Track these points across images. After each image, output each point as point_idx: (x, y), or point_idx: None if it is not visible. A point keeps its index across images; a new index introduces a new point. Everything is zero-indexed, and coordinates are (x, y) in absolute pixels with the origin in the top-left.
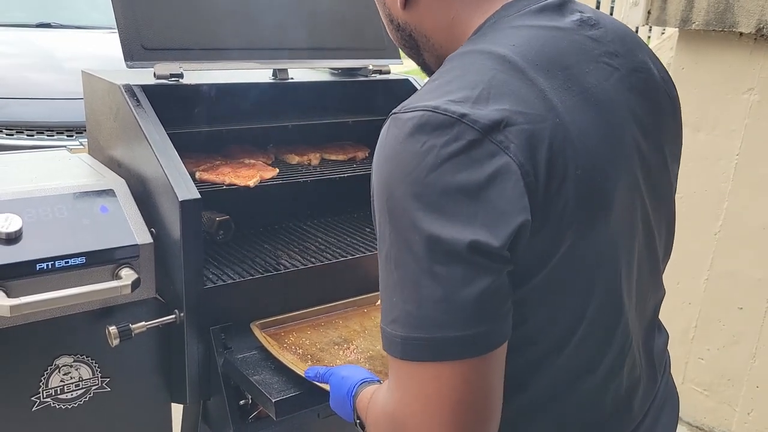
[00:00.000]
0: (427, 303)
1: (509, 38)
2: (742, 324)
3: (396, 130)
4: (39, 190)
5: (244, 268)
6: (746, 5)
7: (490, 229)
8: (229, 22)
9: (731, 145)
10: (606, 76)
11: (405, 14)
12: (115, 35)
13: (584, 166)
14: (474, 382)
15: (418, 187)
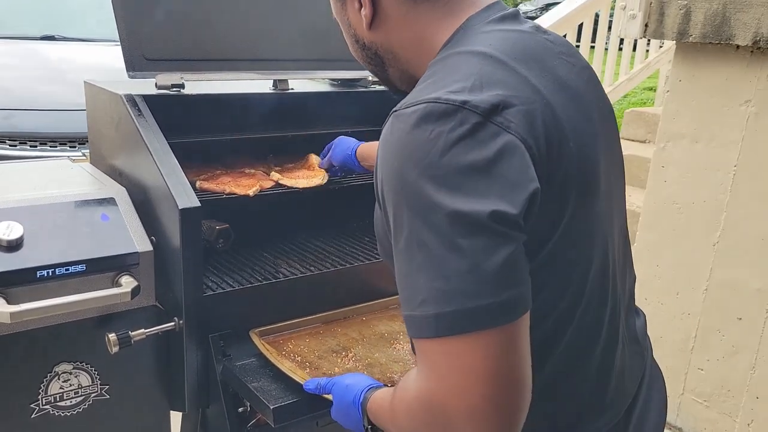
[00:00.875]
0: (456, 276)
1: (483, 40)
2: (741, 334)
3: (401, 124)
4: (40, 199)
5: (243, 276)
6: (743, 18)
7: (507, 199)
8: (229, 33)
9: (729, 157)
10: (568, 69)
11: (371, 34)
12: (117, 48)
13: (574, 141)
14: (508, 350)
15: (433, 170)
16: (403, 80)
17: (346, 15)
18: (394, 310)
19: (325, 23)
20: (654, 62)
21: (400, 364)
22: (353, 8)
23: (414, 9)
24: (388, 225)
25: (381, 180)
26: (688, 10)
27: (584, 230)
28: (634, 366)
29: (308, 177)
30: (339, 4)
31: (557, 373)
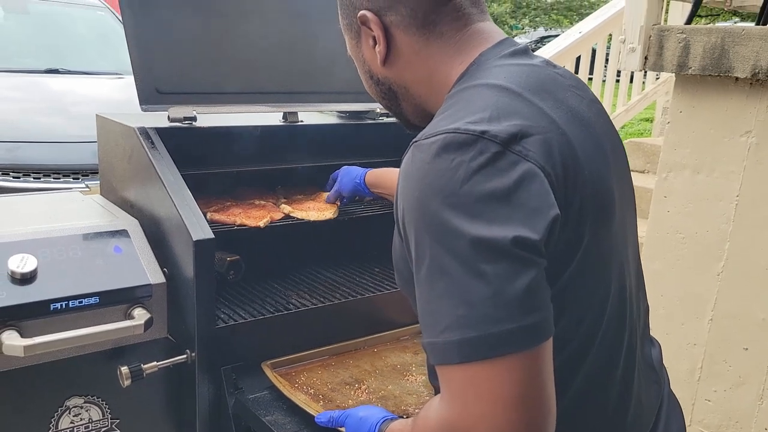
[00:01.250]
0: (480, 302)
1: (498, 73)
2: (748, 365)
3: (421, 154)
4: (53, 231)
5: (254, 307)
6: (741, 51)
7: (528, 225)
8: (240, 66)
9: (731, 187)
10: (578, 102)
11: (384, 70)
12: (119, 80)
13: (589, 170)
14: (533, 375)
15: (455, 198)
16: (417, 115)
17: (360, 52)
18: (405, 342)
19: (332, 57)
20: (651, 93)
21: (414, 396)
22: (368, 45)
23: (426, 47)
24: (409, 254)
25: (402, 209)
26: (687, 43)
27: (601, 256)
28: (651, 394)
29: (319, 209)
30: (354, 42)
31: (578, 399)
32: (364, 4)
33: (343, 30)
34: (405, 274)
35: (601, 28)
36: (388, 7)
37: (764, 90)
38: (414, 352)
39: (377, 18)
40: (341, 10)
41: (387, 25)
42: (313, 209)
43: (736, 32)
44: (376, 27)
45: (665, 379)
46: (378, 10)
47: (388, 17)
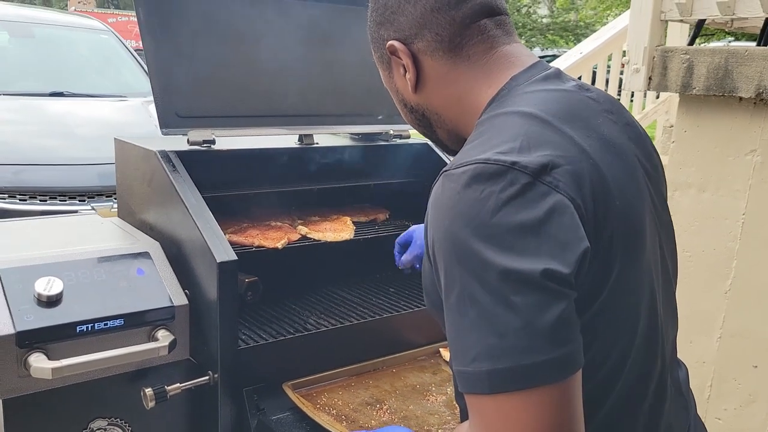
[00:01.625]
0: (510, 333)
1: (528, 100)
2: (757, 382)
3: (452, 184)
4: (77, 254)
5: (273, 328)
6: (745, 72)
7: (558, 258)
8: (257, 90)
9: (737, 205)
10: (611, 127)
11: (416, 97)
12: (123, 103)
13: (620, 199)
14: (562, 407)
15: (485, 229)
16: (452, 140)
17: (393, 82)
18: (423, 362)
19: (346, 80)
20: (651, 113)
21: (436, 416)
22: (399, 74)
23: (454, 70)
24: (438, 280)
25: (432, 238)
26: (691, 63)
27: (631, 285)
28: (681, 419)
29: (335, 230)
30: (386, 73)
31: (609, 424)
32: (391, 34)
33: (376, 63)
34: (434, 298)
35: (601, 49)
36: (414, 35)
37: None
38: (432, 372)
39: (405, 47)
40: (372, 44)
41: (415, 53)
42: (330, 230)
43: (739, 53)
44: (405, 55)
45: (692, 404)
46: (405, 39)
47: (415, 44)
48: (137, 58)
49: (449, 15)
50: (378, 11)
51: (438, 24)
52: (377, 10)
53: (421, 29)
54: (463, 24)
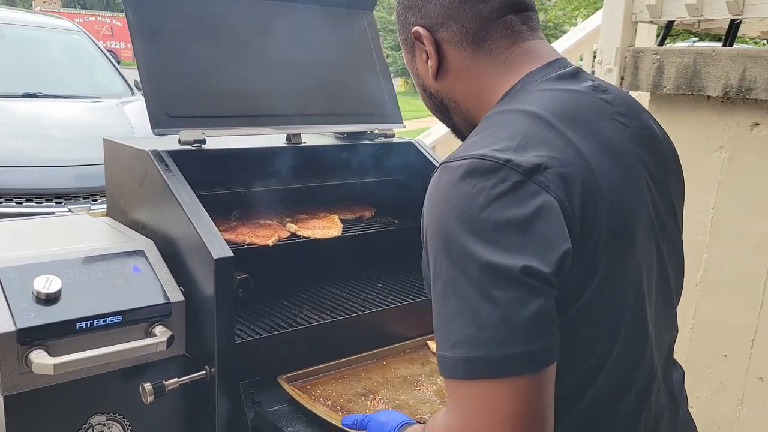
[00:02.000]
0: (488, 325)
1: (537, 99)
2: (728, 371)
3: (447, 176)
4: (74, 252)
5: (266, 323)
6: (712, 71)
7: (540, 257)
8: (246, 91)
9: (706, 200)
10: (619, 131)
11: (436, 84)
12: (97, 103)
13: (611, 204)
14: (532, 397)
15: (473, 223)
16: (467, 128)
17: (415, 66)
18: (412, 354)
19: (334, 81)
20: None
21: (428, 404)
22: (421, 59)
23: (476, 62)
24: (428, 268)
25: (426, 224)
26: (661, 63)
27: (616, 288)
28: (668, 421)
29: (324, 227)
30: (409, 56)
31: (585, 420)
32: (417, 20)
33: (401, 44)
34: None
35: (572, 50)
36: (441, 24)
37: (735, 107)
38: (421, 363)
39: (429, 34)
40: (398, 25)
41: (439, 41)
42: (318, 227)
43: (707, 53)
44: (429, 42)
45: (683, 405)
46: (431, 27)
47: (440, 33)
48: (110, 59)
49: (477, 8)
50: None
51: (465, 16)
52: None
53: (448, 19)
54: (490, 18)
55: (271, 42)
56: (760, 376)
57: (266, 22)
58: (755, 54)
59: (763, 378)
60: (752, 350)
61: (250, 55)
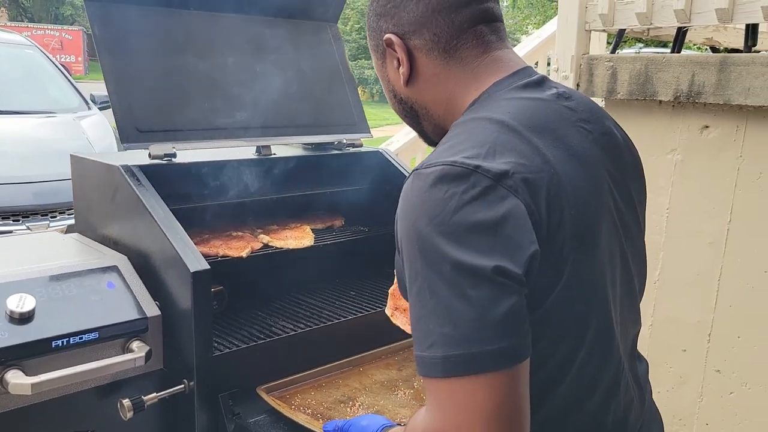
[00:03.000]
0: (463, 323)
1: (504, 108)
2: (687, 365)
3: (420, 182)
4: (46, 270)
5: (242, 335)
6: (663, 77)
7: (509, 258)
8: (215, 104)
9: (661, 201)
10: (582, 137)
11: (407, 90)
12: (53, 118)
13: (576, 208)
14: (509, 392)
15: (445, 227)
16: (436, 134)
17: (385, 72)
18: (388, 359)
19: (301, 92)
20: None
21: (407, 409)
22: (392, 66)
23: (447, 70)
24: (404, 272)
25: (400, 230)
26: (615, 70)
27: (583, 287)
28: (635, 411)
29: (296, 238)
30: (380, 62)
31: (556, 415)
32: (390, 28)
33: (371, 50)
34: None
35: (527, 57)
36: (413, 32)
37: (685, 111)
38: (398, 368)
39: (402, 41)
40: (369, 32)
41: (411, 49)
42: (291, 238)
43: (658, 60)
44: (401, 50)
45: (648, 395)
46: (403, 34)
47: (412, 41)
48: (64, 73)
49: (449, 18)
50: (380, 2)
51: (437, 25)
52: (378, 1)
53: (421, 27)
54: (461, 28)
55: (238, 55)
56: (718, 368)
57: (233, 35)
58: (703, 60)
59: (720, 370)
60: (709, 344)
61: (217, 68)
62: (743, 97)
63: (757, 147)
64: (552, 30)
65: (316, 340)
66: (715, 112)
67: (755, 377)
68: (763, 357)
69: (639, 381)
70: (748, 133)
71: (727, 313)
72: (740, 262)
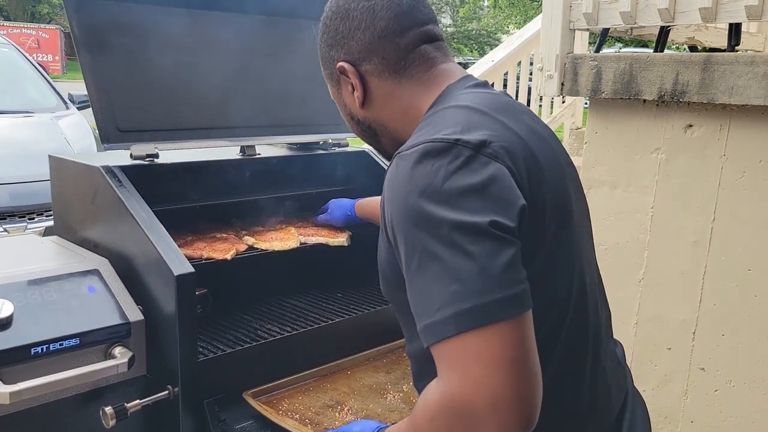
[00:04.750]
0: (469, 278)
1: (464, 98)
2: (672, 363)
3: (404, 162)
4: (24, 275)
5: (228, 338)
6: (647, 76)
7: (502, 213)
8: (197, 103)
9: (646, 200)
10: (534, 122)
11: (363, 111)
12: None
13: (550, 173)
14: (521, 339)
15: (438, 195)
16: (395, 147)
17: (341, 97)
18: (376, 362)
19: (285, 91)
20: (559, 116)
21: (396, 413)
22: (347, 91)
23: (399, 87)
24: (399, 256)
25: (390, 214)
26: (599, 69)
27: (564, 252)
28: (620, 385)
29: (282, 239)
30: (335, 89)
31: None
32: (341, 56)
33: (326, 78)
34: (390, 278)
35: (511, 57)
36: (363, 58)
37: (669, 110)
38: (386, 371)
39: (354, 68)
40: (322, 62)
41: (363, 74)
42: (276, 239)
43: (642, 59)
44: (354, 76)
45: (629, 374)
46: (354, 61)
47: (364, 66)
48: (41, 72)
49: (394, 42)
50: (329, 34)
51: (385, 49)
52: (328, 33)
53: (370, 54)
54: (407, 49)
55: (221, 53)
56: (702, 366)
57: (216, 33)
58: (687, 59)
59: (704, 368)
60: (694, 342)
61: (200, 67)
62: (727, 96)
63: (740, 146)
64: (534, 29)
65: (303, 343)
66: (699, 111)
67: (739, 374)
68: (747, 354)
69: (618, 360)
70: (731, 132)
71: (712, 311)
72: (724, 261)
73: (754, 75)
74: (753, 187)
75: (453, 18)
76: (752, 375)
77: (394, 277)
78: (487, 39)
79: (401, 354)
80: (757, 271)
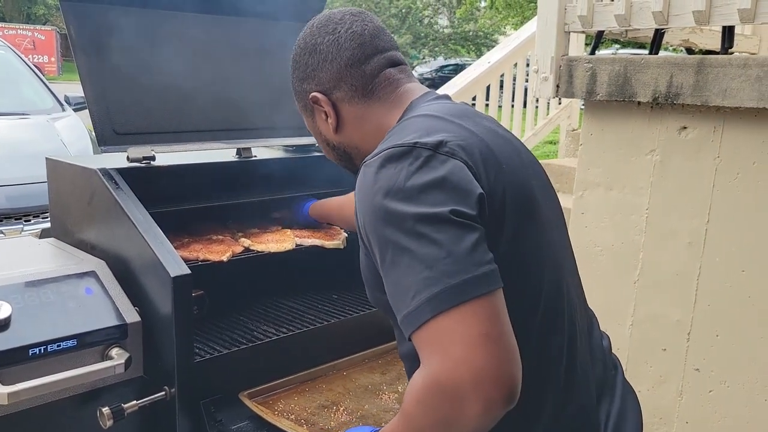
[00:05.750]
0: (437, 263)
1: (426, 108)
2: (667, 364)
3: (369, 169)
4: (22, 276)
5: (224, 340)
6: (642, 78)
7: (461, 203)
8: (194, 105)
9: (641, 201)
10: (495, 125)
11: (338, 136)
12: (26, 120)
13: (507, 166)
14: (495, 315)
15: (401, 193)
16: None
17: (316, 126)
18: (371, 363)
19: (280, 93)
20: (555, 118)
21: (392, 413)
22: (321, 119)
23: (369, 109)
24: (374, 258)
25: (362, 218)
26: (594, 71)
27: (532, 247)
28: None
29: (278, 241)
30: (310, 120)
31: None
32: (313, 88)
33: (300, 111)
34: (372, 284)
35: (507, 58)
36: (333, 87)
37: (664, 112)
38: (381, 372)
39: (325, 97)
40: (296, 96)
41: (334, 101)
42: (272, 241)
43: (636, 61)
44: (326, 104)
45: (618, 364)
46: (325, 91)
47: (335, 94)
48: (37, 73)
49: (360, 69)
50: (300, 69)
51: (352, 77)
52: (299, 69)
53: (339, 82)
54: (373, 74)
55: (218, 56)
56: (697, 367)
57: (213, 36)
58: (681, 62)
59: (699, 369)
60: (689, 343)
61: (197, 69)
62: (720, 98)
63: (734, 148)
64: (531, 31)
65: (298, 344)
66: (693, 113)
67: (734, 375)
68: (742, 355)
69: (604, 351)
70: (725, 134)
71: (706, 312)
72: (718, 262)
73: (747, 77)
74: (747, 189)
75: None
76: (747, 375)
77: (376, 282)
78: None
79: (396, 355)
80: (751, 272)
